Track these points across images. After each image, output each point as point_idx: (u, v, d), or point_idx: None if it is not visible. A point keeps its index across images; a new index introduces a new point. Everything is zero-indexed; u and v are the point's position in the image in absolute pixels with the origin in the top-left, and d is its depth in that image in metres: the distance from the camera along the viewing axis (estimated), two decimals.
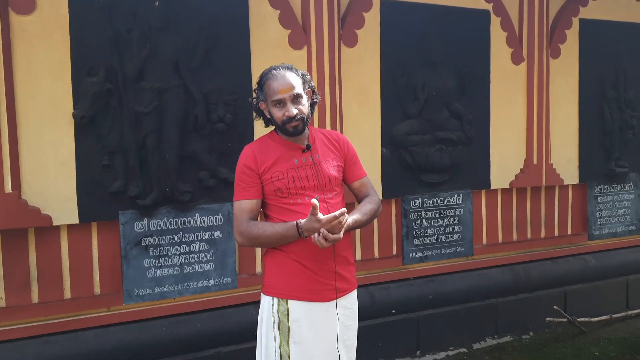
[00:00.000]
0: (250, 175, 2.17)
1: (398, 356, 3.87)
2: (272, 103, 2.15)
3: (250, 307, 3.49)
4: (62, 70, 3.02)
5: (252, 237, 2.13)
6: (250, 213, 2.16)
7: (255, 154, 2.19)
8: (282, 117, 2.14)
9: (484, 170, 4.28)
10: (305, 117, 2.16)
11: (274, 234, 2.10)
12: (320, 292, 2.15)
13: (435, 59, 3.99)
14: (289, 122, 2.13)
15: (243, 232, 2.14)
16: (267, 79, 2.17)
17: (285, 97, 2.12)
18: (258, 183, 2.17)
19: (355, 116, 3.76)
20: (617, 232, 4.93)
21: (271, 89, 2.14)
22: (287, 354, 2.11)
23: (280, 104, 2.14)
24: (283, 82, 2.13)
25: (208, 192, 3.38)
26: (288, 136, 2.20)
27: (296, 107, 2.13)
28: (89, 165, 3.10)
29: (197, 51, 3.28)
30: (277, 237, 2.10)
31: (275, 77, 2.14)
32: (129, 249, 3.20)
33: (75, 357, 3.06)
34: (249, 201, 2.16)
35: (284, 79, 2.13)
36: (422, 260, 4.06)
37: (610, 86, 4.76)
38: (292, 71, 2.19)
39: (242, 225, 2.14)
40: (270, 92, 2.15)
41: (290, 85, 2.13)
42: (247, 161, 2.19)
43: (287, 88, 2.12)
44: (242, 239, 2.16)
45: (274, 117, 2.17)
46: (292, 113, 2.12)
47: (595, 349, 4.05)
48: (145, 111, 3.15)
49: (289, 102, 2.13)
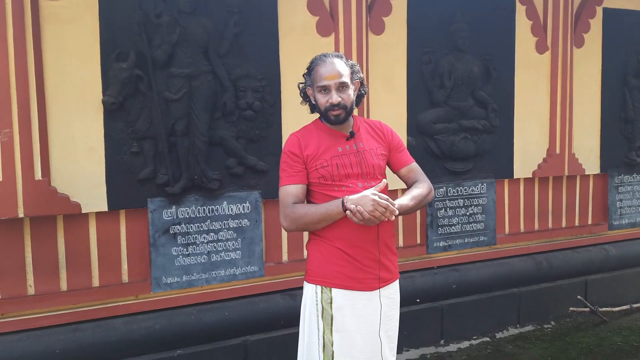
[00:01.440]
0: (296, 160, 2.15)
1: (422, 345, 3.87)
2: (317, 89, 2.14)
3: (277, 296, 3.48)
4: (92, 55, 2.98)
5: (297, 217, 2.09)
6: (295, 197, 2.14)
7: (300, 141, 2.17)
8: (325, 104, 2.12)
9: (507, 160, 4.26)
10: (348, 107, 2.14)
11: (318, 210, 2.07)
12: (364, 280, 2.14)
13: (461, 47, 3.95)
14: (331, 109, 2.12)
15: (288, 214, 2.11)
16: (316, 65, 2.15)
17: (330, 84, 2.11)
18: (303, 169, 2.15)
19: (382, 104, 3.73)
20: (636, 222, 4.92)
21: (318, 74, 2.13)
22: (330, 342, 2.10)
23: (325, 90, 2.12)
24: (331, 69, 2.11)
25: (236, 179, 3.36)
26: (331, 124, 2.18)
27: (340, 96, 2.11)
28: (117, 152, 3.07)
29: (226, 36, 3.24)
30: (321, 213, 2.06)
31: (324, 63, 2.13)
32: (158, 236, 3.18)
33: (105, 344, 3.05)
34: (294, 186, 2.14)
35: (332, 65, 2.12)
36: (446, 249, 4.05)
37: (632, 75, 4.73)
38: (342, 60, 2.17)
39: (287, 208, 2.12)
40: (317, 78, 2.13)
41: (337, 73, 2.11)
42: (292, 148, 2.17)
43: (334, 75, 2.10)
44: (288, 222, 2.13)
45: (317, 102, 2.17)
46: (335, 100, 2.10)
47: (617, 338, 4.04)
48: (174, 97, 3.11)
49: (333, 89, 2.11)
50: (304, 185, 2.16)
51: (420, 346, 3.86)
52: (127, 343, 3.09)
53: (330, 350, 2.09)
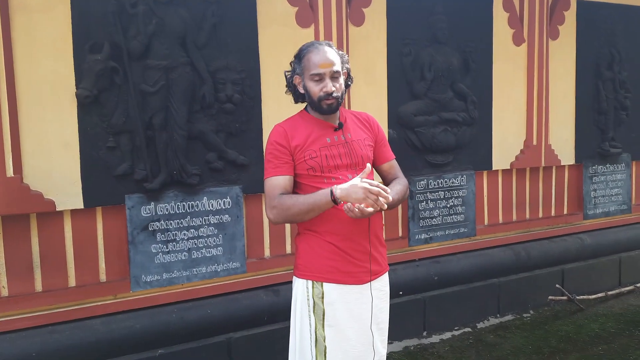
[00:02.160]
0: (282, 151, 2.08)
1: (405, 337, 3.87)
2: (310, 76, 2.07)
3: (260, 292, 3.43)
4: (64, 46, 2.87)
5: (285, 208, 2.01)
6: (282, 189, 2.05)
7: (286, 131, 2.11)
8: (319, 93, 2.06)
9: (486, 151, 4.29)
10: (340, 96, 2.09)
11: (306, 200, 1.98)
12: (356, 274, 2.10)
13: (440, 39, 3.95)
14: (325, 98, 2.06)
15: (275, 206, 2.03)
16: (307, 52, 2.08)
17: (325, 72, 2.05)
18: (290, 160, 2.08)
19: (363, 96, 3.70)
20: (610, 212, 5.01)
21: (311, 62, 2.06)
22: (322, 337, 2.06)
23: (319, 78, 2.06)
24: (325, 57, 2.05)
25: (216, 174, 3.28)
26: (321, 114, 2.12)
27: (334, 85, 2.06)
28: (93, 147, 2.96)
29: (203, 27, 3.16)
30: (309, 204, 1.97)
31: (317, 51, 2.06)
32: (136, 234, 3.09)
33: (83, 346, 2.95)
34: (281, 177, 2.07)
35: (326, 53, 2.06)
36: (428, 241, 4.05)
37: (605, 67, 4.81)
38: (333, 49, 2.12)
39: (273, 200, 2.04)
40: (309, 65, 2.06)
41: (331, 61, 2.06)
42: (278, 138, 2.10)
43: (329, 63, 2.05)
44: (275, 214, 2.04)
45: (309, 91, 2.09)
46: (331, 89, 2.04)
47: (594, 325, 4.12)
48: (151, 90, 3.02)
49: (327, 77, 2.06)
50: (290, 177, 2.08)
51: (403, 338, 3.86)
52: (106, 344, 3.00)
53: (322, 346, 2.06)
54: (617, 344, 3.77)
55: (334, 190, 1.93)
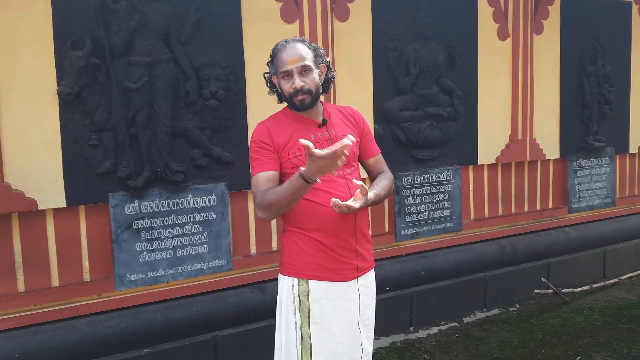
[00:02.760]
0: (266, 148, 2.06)
1: (392, 332, 3.88)
2: (280, 75, 2.06)
3: (247, 289, 3.41)
4: (45, 43, 2.81)
5: (269, 204, 1.96)
6: (268, 184, 2.01)
7: (269, 129, 2.09)
8: (289, 90, 2.04)
9: (471, 146, 4.29)
10: (313, 91, 2.05)
11: (284, 191, 1.91)
12: (342, 271, 2.09)
13: (425, 34, 3.94)
14: (295, 94, 2.04)
15: (260, 204, 2.00)
16: (277, 51, 2.07)
17: (292, 68, 2.02)
18: (275, 157, 2.06)
19: (349, 91, 3.68)
20: (594, 205, 5.05)
21: (280, 60, 2.05)
22: (308, 334, 2.05)
23: (288, 75, 2.04)
24: (292, 52, 2.03)
25: (201, 171, 3.25)
26: (297, 110, 2.10)
27: (303, 80, 2.03)
28: (75, 145, 2.92)
29: (187, 22, 3.12)
30: (287, 192, 1.90)
31: (284, 49, 2.05)
32: (120, 232, 3.05)
33: (67, 346, 2.91)
34: (266, 173, 2.03)
35: (293, 49, 2.04)
36: (414, 236, 4.06)
37: (589, 61, 4.84)
38: (304, 43, 2.09)
39: (258, 197, 2.01)
40: (279, 64, 2.05)
41: (298, 56, 2.03)
42: (261, 137, 2.08)
43: (296, 59, 2.02)
44: (262, 211, 2.01)
45: (282, 89, 2.08)
46: (298, 85, 2.01)
47: (580, 318, 4.15)
48: (134, 87, 2.98)
49: (296, 73, 2.03)
50: (276, 172, 2.06)
51: (390, 334, 3.86)
52: (91, 344, 2.96)
53: (308, 343, 2.05)
54: (602, 337, 3.81)
55: (305, 174, 1.83)
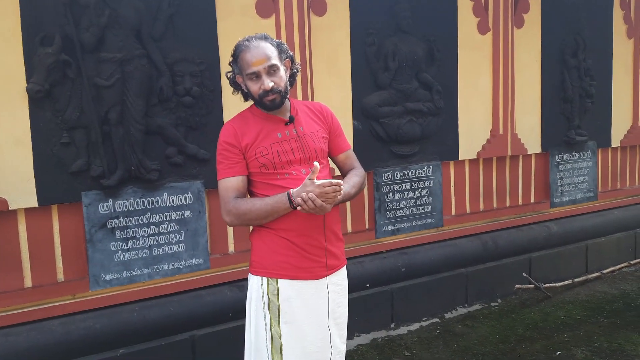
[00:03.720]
0: (233, 151, 2.04)
1: (373, 329, 3.86)
2: (247, 76, 2.02)
3: (225, 288, 3.38)
4: (13, 39, 2.76)
5: (241, 213, 2.00)
6: (236, 191, 2.04)
7: (236, 129, 2.06)
8: (258, 91, 2.01)
9: (452, 141, 4.28)
10: (282, 90, 2.03)
11: (263, 207, 1.98)
12: (311, 269, 2.07)
13: (404, 28, 3.91)
14: (265, 95, 2.01)
15: (231, 210, 2.01)
16: (240, 51, 2.03)
17: (259, 69, 1.99)
18: (242, 160, 2.04)
19: (326, 87, 3.65)
20: (576, 199, 5.06)
21: (245, 61, 2.00)
22: (278, 334, 2.03)
23: (255, 76, 2.01)
24: (256, 53, 1.99)
25: (176, 169, 3.21)
26: (267, 110, 2.07)
27: (272, 80, 2.00)
28: (46, 144, 2.87)
29: (159, 18, 3.08)
30: (267, 210, 1.98)
31: (248, 49, 2.00)
32: (94, 232, 3.01)
33: (41, 348, 2.87)
34: (234, 178, 2.04)
35: (257, 49, 1.99)
36: (395, 233, 4.04)
37: (570, 55, 4.83)
38: (267, 41, 2.05)
39: (229, 203, 2.02)
40: (244, 65, 2.01)
41: (264, 56, 1.99)
42: (227, 138, 2.06)
43: (261, 60, 1.98)
44: (231, 218, 2.03)
45: (250, 90, 2.05)
46: (268, 86, 1.98)
47: (561, 312, 4.16)
48: (106, 84, 2.93)
49: (264, 74, 2.00)
50: (244, 176, 2.06)
51: (371, 331, 3.84)
52: (65, 345, 2.92)
53: (278, 343, 2.02)
54: (583, 331, 3.81)
55: (292, 197, 1.91)
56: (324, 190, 1.87)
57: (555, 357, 3.43)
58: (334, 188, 1.89)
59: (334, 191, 1.89)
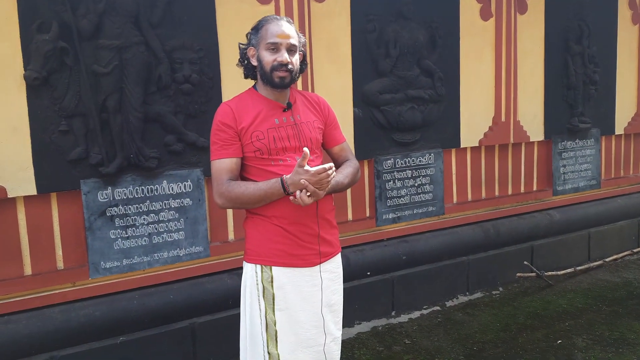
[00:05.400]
0: (228, 132, 2.02)
1: (374, 317, 3.86)
2: (266, 45, 2.01)
3: (225, 276, 3.38)
4: (10, 26, 2.74)
5: (233, 197, 1.99)
6: (230, 173, 2.02)
7: (233, 111, 2.05)
8: (272, 62, 2.00)
9: (454, 129, 4.24)
10: (294, 71, 2.04)
11: (256, 192, 1.97)
12: (304, 256, 2.07)
13: (405, 14, 3.86)
14: (279, 68, 2.00)
15: (223, 193, 2.00)
16: (266, 22, 2.04)
17: (282, 42, 2.00)
18: (237, 141, 2.03)
19: (327, 75, 3.62)
20: (579, 187, 5.03)
21: (269, 32, 2.01)
22: (272, 321, 2.03)
23: (274, 47, 2.00)
24: (284, 28, 2.02)
25: (175, 157, 3.20)
26: (272, 87, 2.05)
27: (290, 57, 2.02)
28: (44, 132, 2.86)
29: (157, 4, 3.05)
30: (260, 195, 1.97)
31: (276, 22, 2.03)
32: (93, 220, 3.01)
33: (41, 335, 2.88)
34: (228, 160, 2.02)
35: (285, 26, 2.03)
36: (396, 221, 4.02)
37: (574, 41, 4.77)
38: (293, 26, 2.08)
39: (221, 185, 2.00)
40: (266, 35, 2.01)
41: (290, 33, 2.02)
42: (224, 118, 2.04)
43: (287, 35, 2.01)
44: (223, 200, 2.02)
45: (263, 61, 2.03)
46: (285, 59, 1.99)
47: (563, 301, 4.14)
48: (104, 71, 2.91)
49: (284, 48, 2.01)
50: (238, 158, 2.04)
51: (371, 319, 3.84)
52: (65, 332, 2.94)
53: (273, 330, 2.02)
54: (584, 319, 3.80)
55: (286, 184, 1.91)
56: (319, 177, 1.86)
57: (557, 346, 3.42)
58: (327, 174, 1.88)
59: (327, 177, 1.89)
